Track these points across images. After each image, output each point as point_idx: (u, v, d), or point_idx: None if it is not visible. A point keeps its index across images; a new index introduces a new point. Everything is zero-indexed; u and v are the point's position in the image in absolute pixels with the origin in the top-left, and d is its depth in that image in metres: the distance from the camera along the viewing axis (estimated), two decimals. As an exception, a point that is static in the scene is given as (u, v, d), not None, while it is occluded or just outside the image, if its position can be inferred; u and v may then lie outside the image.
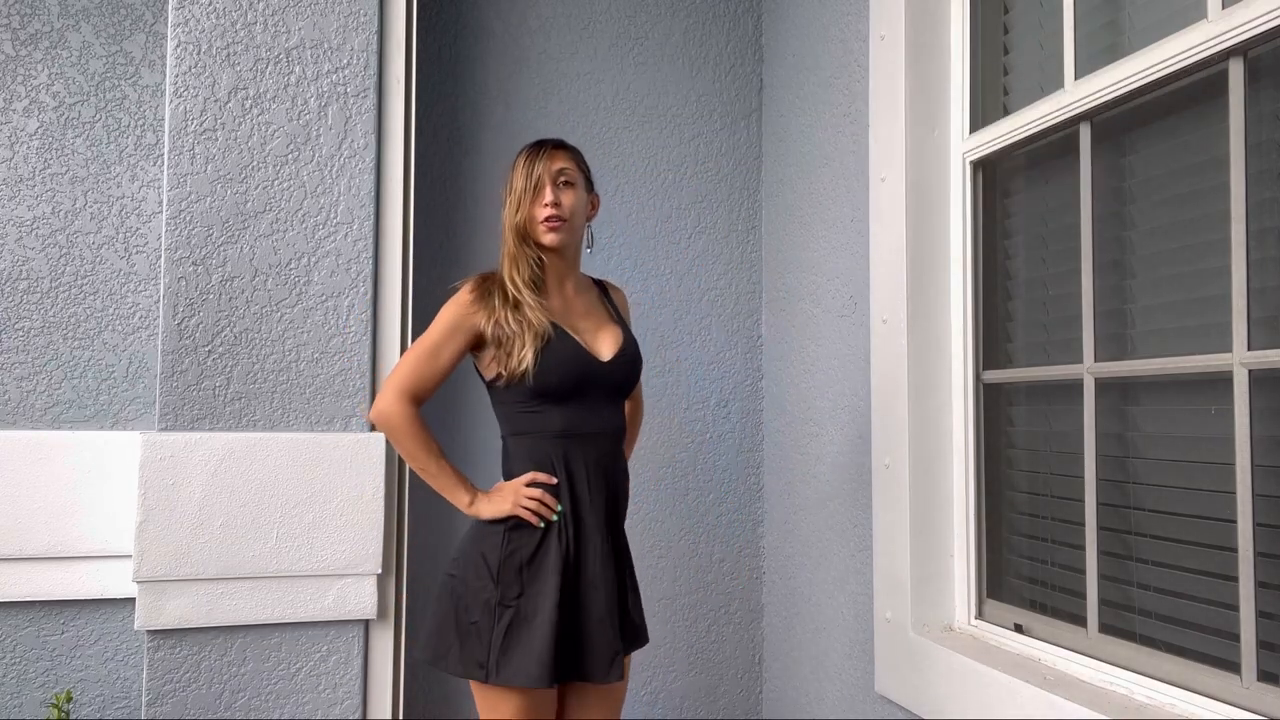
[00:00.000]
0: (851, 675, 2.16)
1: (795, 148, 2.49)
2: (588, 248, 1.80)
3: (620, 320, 1.81)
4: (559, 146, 1.72)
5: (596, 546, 1.64)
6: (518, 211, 1.67)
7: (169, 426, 1.91)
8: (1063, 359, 1.72)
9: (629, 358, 1.73)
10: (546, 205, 1.66)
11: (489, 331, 1.63)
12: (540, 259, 1.70)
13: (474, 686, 1.61)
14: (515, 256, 1.67)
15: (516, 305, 1.63)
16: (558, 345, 1.63)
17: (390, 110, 2.09)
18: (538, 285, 1.68)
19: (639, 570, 2.12)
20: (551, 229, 1.66)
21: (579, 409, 1.66)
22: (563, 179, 1.68)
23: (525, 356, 1.59)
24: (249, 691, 1.93)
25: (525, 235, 1.68)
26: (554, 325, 1.64)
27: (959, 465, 1.93)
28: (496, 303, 1.64)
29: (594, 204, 1.79)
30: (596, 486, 1.66)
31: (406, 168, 2.09)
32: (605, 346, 1.71)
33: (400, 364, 1.66)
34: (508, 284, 1.66)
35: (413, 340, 2.14)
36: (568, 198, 1.68)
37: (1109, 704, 1.45)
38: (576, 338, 1.67)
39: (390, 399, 1.63)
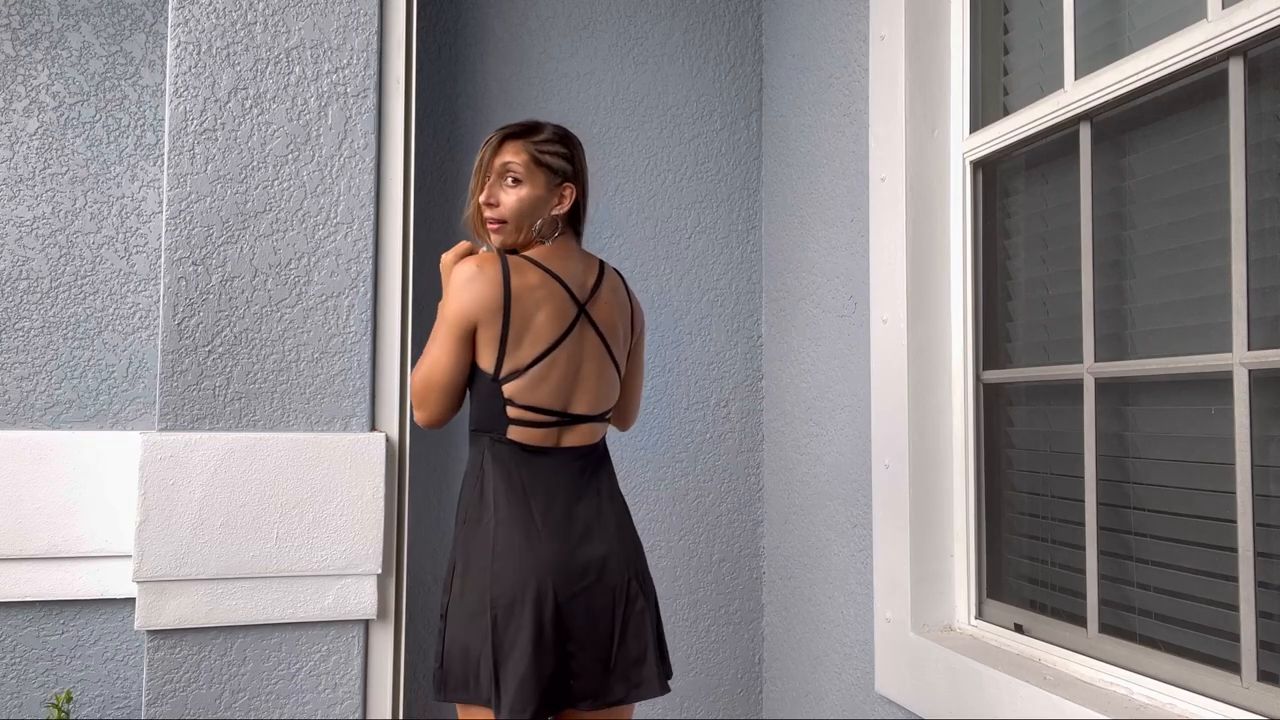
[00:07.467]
0: (851, 675, 2.16)
1: (795, 148, 2.49)
2: (540, 239, 1.63)
3: None
4: (512, 136, 1.61)
5: None
6: (470, 203, 1.65)
7: (169, 426, 1.91)
8: (1063, 359, 1.72)
9: None
10: (485, 205, 1.61)
11: None
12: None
13: None
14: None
15: None
16: None
17: (390, 110, 2.08)
18: None
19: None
20: (492, 230, 1.62)
21: None
22: (509, 175, 1.58)
23: None
24: (249, 691, 1.93)
25: (478, 229, 1.67)
26: None
27: (959, 465, 1.93)
28: None
29: (564, 196, 1.63)
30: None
31: (406, 168, 2.09)
32: None
33: None
34: None
35: (414, 341, 2.14)
36: (509, 196, 1.58)
37: (1109, 704, 1.45)
38: None
39: None
